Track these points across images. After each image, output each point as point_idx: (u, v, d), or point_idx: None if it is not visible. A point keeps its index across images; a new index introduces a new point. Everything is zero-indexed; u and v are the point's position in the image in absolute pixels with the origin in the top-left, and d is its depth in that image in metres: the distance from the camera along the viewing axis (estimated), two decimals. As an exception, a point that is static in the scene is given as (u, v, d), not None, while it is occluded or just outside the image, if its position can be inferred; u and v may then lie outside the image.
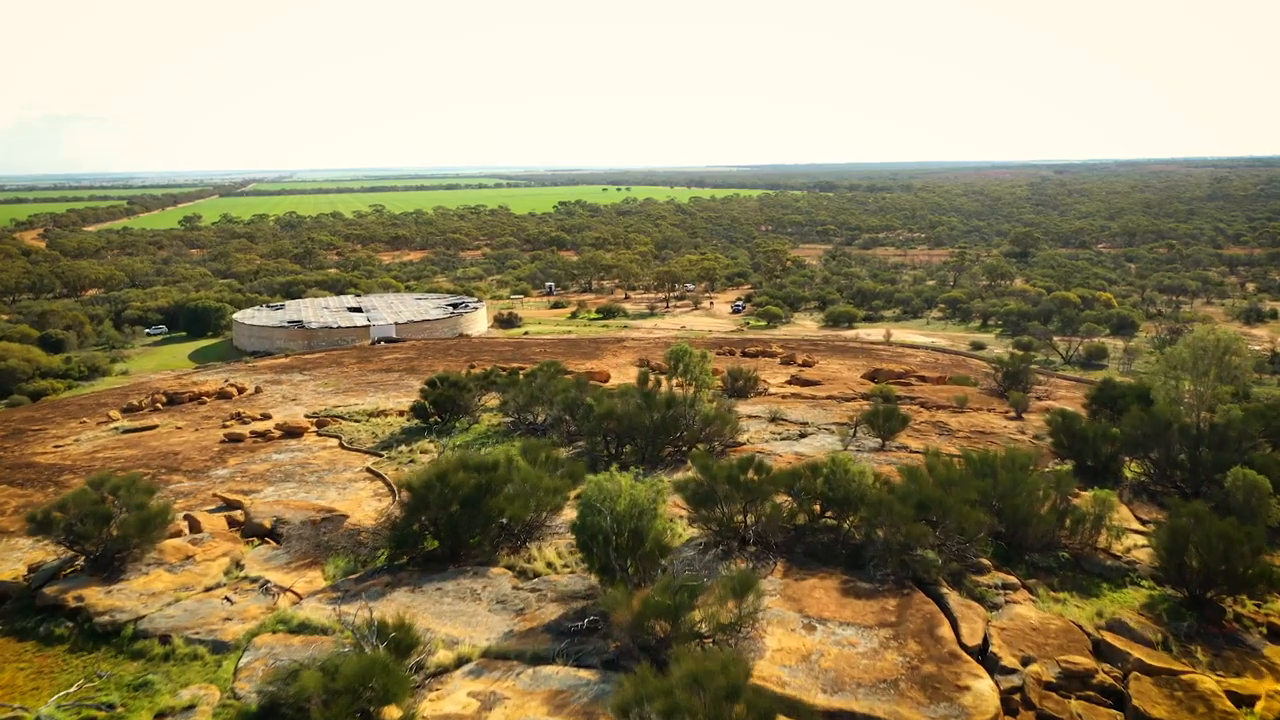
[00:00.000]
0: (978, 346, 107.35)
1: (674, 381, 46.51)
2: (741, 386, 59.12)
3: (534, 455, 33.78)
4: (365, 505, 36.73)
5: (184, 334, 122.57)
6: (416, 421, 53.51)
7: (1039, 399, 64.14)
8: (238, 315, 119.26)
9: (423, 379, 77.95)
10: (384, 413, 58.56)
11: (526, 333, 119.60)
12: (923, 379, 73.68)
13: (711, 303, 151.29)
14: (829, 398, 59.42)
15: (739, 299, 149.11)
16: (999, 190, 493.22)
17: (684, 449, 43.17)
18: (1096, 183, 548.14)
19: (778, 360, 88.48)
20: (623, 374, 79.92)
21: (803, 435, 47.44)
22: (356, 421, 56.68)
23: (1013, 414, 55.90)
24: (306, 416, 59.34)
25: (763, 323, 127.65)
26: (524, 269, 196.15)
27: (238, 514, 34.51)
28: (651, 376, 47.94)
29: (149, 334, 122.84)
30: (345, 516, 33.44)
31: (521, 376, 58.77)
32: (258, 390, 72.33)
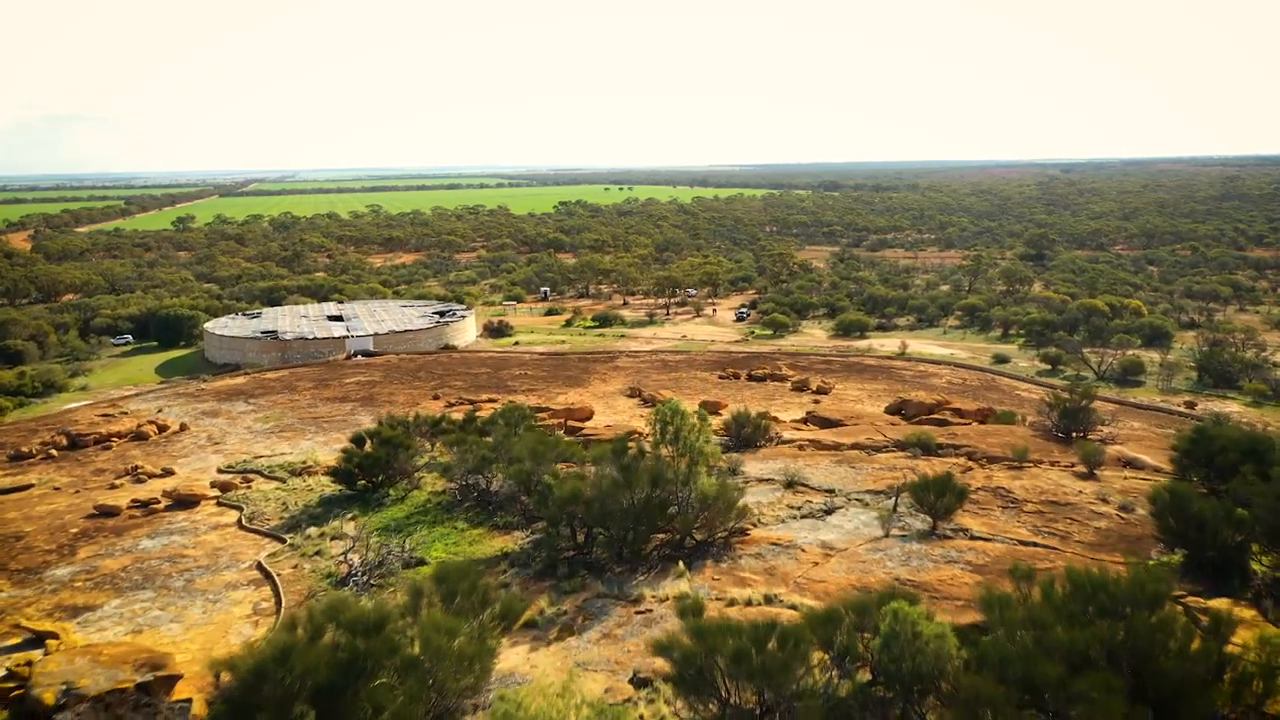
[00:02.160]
0: (1001, 359, 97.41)
1: (664, 448, 35.95)
2: (749, 434, 48.52)
3: (453, 584, 23.41)
4: (230, 637, 26.31)
5: (155, 344, 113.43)
6: (342, 487, 42.72)
7: (1105, 442, 53.66)
8: (209, 324, 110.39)
9: (379, 412, 67.55)
10: (310, 469, 47.68)
11: (516, 343, 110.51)
12: (959, 412, 63.14)
13: (714, 309, 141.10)
14: (855, 447, 48.91)
15: (743, 305, 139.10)
16: (1007, 190, 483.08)
17: (677, 538, 32.73)
18: (1106, 182, 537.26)
19: (789, 386, 77.98)
20: (610, 407, 69.40)
21: (829, 511, 36.95)
22: (275, 479, 46.00)
23: (1083, 470, 45.47)
24: (218, 471, 48.86)
25: (769, 332, 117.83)
26: (519, 272, 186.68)
27: (33, 660, 24.13)
28: (635, 436, 37.42)
29: (114, 344, 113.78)
30: (176, 679, 22.92)
31: (479, 421, 48.22)
32: (182, 428, 61.77)
